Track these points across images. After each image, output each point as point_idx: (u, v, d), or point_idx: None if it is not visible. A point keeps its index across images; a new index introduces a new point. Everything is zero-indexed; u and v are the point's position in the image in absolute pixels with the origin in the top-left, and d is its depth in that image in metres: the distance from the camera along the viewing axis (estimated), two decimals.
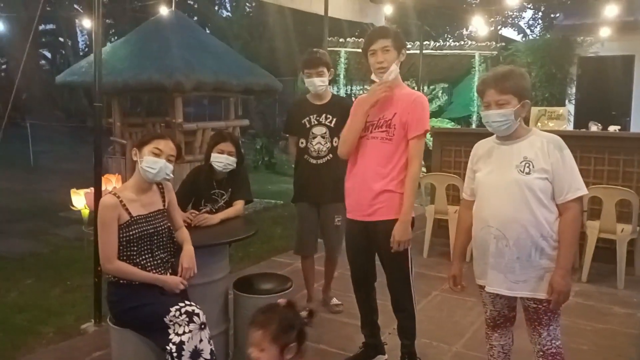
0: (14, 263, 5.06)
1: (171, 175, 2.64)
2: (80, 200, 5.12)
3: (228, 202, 3.44)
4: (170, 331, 2.39)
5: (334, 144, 3.67)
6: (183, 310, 2.42)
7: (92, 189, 3.88)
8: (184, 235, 2.77)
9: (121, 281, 2.54)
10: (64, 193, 5.66)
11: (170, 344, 2.36)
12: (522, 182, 2.23)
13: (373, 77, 2.88)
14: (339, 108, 3.67)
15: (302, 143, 3.73)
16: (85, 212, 5.11)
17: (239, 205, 3.38)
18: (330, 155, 3.68)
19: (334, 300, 4.00)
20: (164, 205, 2.71)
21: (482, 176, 2.38)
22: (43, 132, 13.77)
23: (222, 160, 3.35)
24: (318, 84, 3.62)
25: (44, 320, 3.78)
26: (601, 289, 4.47)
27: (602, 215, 4.57)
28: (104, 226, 2.49)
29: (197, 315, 2.43)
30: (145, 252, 2.58)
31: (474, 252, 2.47)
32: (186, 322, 2.39)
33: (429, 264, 5.02)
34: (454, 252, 2.62)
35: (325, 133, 3.67)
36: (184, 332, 2.38)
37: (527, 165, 2.24)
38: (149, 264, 2.58)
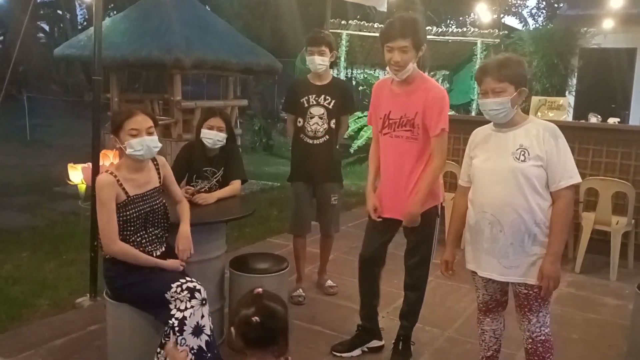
0: (9, 236, 5.06)
1: (159, 144, 2.60)
2: (77, 174, 5.09)
3: (221, 182, 3.43)
4: (172, 307, 2.41)
5: (332, 126, 3.67)
6: (184, 286, 2.44)
7: (90, 163, 3.87)
8: (183, 209, 2.74)
9: (117, 258, 2.53)
10: (60, 167, 5.64)
11: (173, 319, 2.37)
12: (518, 169, 2.25)
13: (388, 70, 2.81)
14: (339, 90, 3.66)
15: (299, 122, 3.72)
16: (82, 186, 5.09)
17: (236, 185, 3.38)
18: (327, 137, 3.68)
19: (329, 282, 4.02)
20: (160, 182, 2.70)
21: (479, 163, 2.41)
22: (40, 106, 13.68)
23: (212, 136, 3.32)
24: (318, 62, 3.60)
25: (38, 293, 3.79)
26: (594, 280, 4.51)
27: (597, 207, 4.59)
28: (103, 206, 2.46)
29: (199, 291, 2.45)
30: (140, 229, 2.58)
31: (468, 237, 2.49)
32: (188, 298, 2.41)
33: None
34: (447, 238, 2.64)
35: (323, 114, 3.66)
36: (186, 308, 2.40)
37: (522, 152, 2.26)
38: (144, 241, 2.58)
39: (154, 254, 2.60)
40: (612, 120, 6.50)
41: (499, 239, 2.31)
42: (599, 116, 6.55)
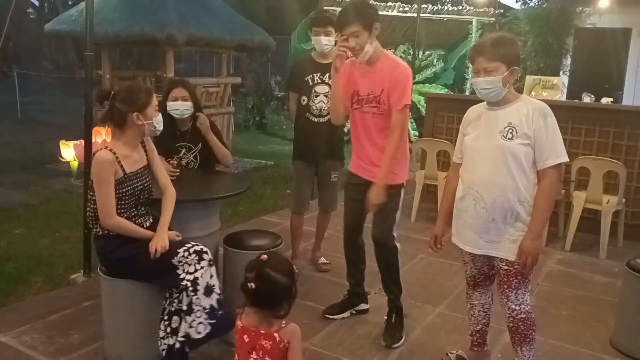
0: (3, 213, 5.05)
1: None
2: (69, 152, 5.06)
3: (202, 159, 3.40)
4: (179, 271, 2.48)
5: None
6: (192, 250, 2.51)
7: (82, 140, 3.85)
8: (167, 201, 2.66)
9: (111, 233, 2.55)
10: (52, 145, 5.60)
11: (185, 281, 2.45)
12: (505, 147, 2.28)
13: (350, 55, 2.92)
14: None
15: (303, 100, 3.72)
16: (75, 164, 5.06)
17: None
18: None
19: (322, 259, 4.06)
20: (147, 161, 2.71)
21: (469, 140, 2.45)
22: (31, 83, 13.53)
23: (178, 107, 3.28)
24: (324, 42, 3.60)
25: (33, 269, 3.81)
26: (584, 258, 4.57)
27: (589, 186, 4.63)
28: (103, 182, 2.47)
29: (206, 252, 2.54)
30: (131, 207, 2.60)
31: (454, 210, 2.53)
32: (196, 261, 2.50)
33: (416, 228, 5.09)
34: (439, 213, 2.69)
35: (328, 92, 3.66)
36: (196, 270, 2.48)
37: (510, 130, 2.28)
38: (133, 216, 2.60)
39: (144, 226, 2.63)
40: (605, 100, 6.50)
41: (481, 215, 2.36)
42: (593, 96, 6.55)
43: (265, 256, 1.95)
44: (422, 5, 9.70)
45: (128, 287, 2.59)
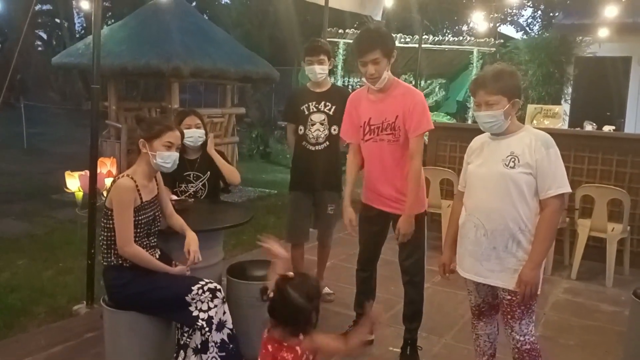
0: (7, 243, 5.06)
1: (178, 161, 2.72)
2: (74, 182, 5.09)
3: (210, 188, 3.44)
4: (192, 308, 2.50)
5: (332, 132, 3.70)
6: (206, 288, 2.55)
7: (87, 171, 3.88)
8: (180, 221, 2.80)
9: (124, 264, 2.56)
10: (58, 175, 5.62)
11: (200, 320, 2.49)
12: (507, 175, 2.29)
13: (365, 81, 2.95)
14: (339, 96, 3.68)
15: (300, 130, 3.75)
16: (79, 194, 5.08)
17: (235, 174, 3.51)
18: (328, 143, 3.71)
19: (326, 290, 4.02)
20: (157, 191, 2.75)
21: (473, 167, 2.47)
22: (37, 114, 13.70)
23: (192, 135, 3.37)
24: (318, 71, 3.64)
25: (36, 300, 3.79)
26: (590, 286, 4.53)
27: (593, 214, 4.62)
28: (124, 208, 2.50)
29: (219, 290, 2.59)
30: (143, 236, 2.62)
31: (458, 238, 2.53)
32: (209, 299, 2.54)
33: None
34: (445, 241, 2.68)
35: (324, 120, 3.69)
36: (209, 308, 2.52)
37: (512, 159, 2.30)
38: (145, 246, 2.62)
39: (155, 258, 2.65)
40: (607, 128, 6.55)
41: (482, 242, 2.36)
42: (594, 124, 6.60)
43: (292, 273, 1.96)
44: (423, 36, 9.86)
45: (131, 319, 2.57)
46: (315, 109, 3.70)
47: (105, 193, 2.79)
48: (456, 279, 2.67)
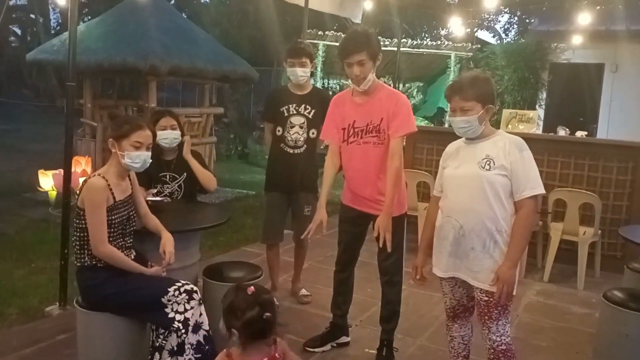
0: None
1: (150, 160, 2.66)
2: (47, 181, 5.02)
3: (186, 189, 3.41)
4: (168, 309, 2.48)
5: (311, 135, 3.71)
6: (182, 289, 2.51)
7: (61, 170, 3.82)
8: (155, 221, 2.77)
9: (98, 265, 2.52)
10: (30, 174, 5.54)
11: (176, 322, 2.46)
12: (483, 176, 2.34)
13: (350, 83, 2.96)
14: (319, 100, 3.69)
15: (278, 131, 3.74)
16: (53, 193, 5.02)
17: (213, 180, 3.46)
18: (306, 146, 3.72)
19: (303, 291, 4.03)
20: (132, 191, 2.72)
21: (449, 171, 2.51)
22: (10, 110, 13.43)
23: (167, 136, 3.34)
24: (300, 74, 3.64)
25: (7, 301, 3.71)
26: (562, 289, 4.61)
27: (565, 218, 4.71)
28: (95, 208, 2.46)
29: (196, 292, 2.56)
30: (118, 236, 2.59)
31: (434, 241, 2.57)
32: (186, 300, 2.50)
33: None
34: (420, 244, 2.70)
35: (304, 123, 3.69)
36: (186, 310, 2.49)
37: (487, 162, 2.35)
38: (120, 247, 2.59)
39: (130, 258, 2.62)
40: (580, 134, 6.67)
41: (461, 242, 2.40)
42: (568, 129, 6.72)
43: (252, 287, 1.93)
44: (402, 40, 9.94)
45: (105, 320, 2.54)
46: (295, 112, 3.70)
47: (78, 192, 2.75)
48: (431, 281, 2.70)
